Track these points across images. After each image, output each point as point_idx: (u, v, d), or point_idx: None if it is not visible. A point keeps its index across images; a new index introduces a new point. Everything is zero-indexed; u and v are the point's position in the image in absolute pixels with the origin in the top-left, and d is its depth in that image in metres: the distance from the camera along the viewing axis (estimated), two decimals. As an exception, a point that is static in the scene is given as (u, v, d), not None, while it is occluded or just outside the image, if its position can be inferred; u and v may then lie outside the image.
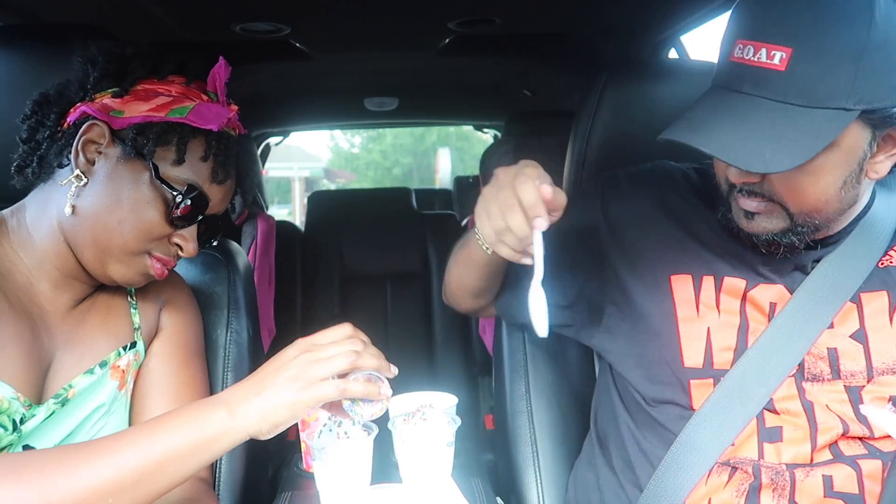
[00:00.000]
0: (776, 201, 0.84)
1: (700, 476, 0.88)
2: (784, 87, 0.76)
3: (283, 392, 0.73)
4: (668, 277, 0.97)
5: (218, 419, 0.72)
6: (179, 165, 0.86)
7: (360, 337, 0.80)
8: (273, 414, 0.72)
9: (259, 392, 0.73)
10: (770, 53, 0.77)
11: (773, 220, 0.86)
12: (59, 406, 0.86)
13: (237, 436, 0.72)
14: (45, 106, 0.88)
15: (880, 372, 0.87)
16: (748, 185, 0.85)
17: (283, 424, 0.74)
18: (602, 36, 1.83)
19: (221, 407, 0.73)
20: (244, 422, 0.72)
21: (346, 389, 0.75)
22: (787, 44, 0.76)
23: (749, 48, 0.78)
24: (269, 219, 2.32)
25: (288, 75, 2.34)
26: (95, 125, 0.84)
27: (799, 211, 0.84)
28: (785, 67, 0.76)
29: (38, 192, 0.89)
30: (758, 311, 0.92)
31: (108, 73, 0.87)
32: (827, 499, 0.84)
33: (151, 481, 0.69)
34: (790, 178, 0.81)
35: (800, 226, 0.85)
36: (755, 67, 0.78)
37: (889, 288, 0.90)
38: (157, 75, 0.88)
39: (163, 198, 0.85)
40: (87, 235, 0.85)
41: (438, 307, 2.51)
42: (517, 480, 1.15)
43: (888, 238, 0.92)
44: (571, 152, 1.28)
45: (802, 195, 0.83)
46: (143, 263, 0.88)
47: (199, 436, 0.70)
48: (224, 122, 0.89)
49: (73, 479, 0.66)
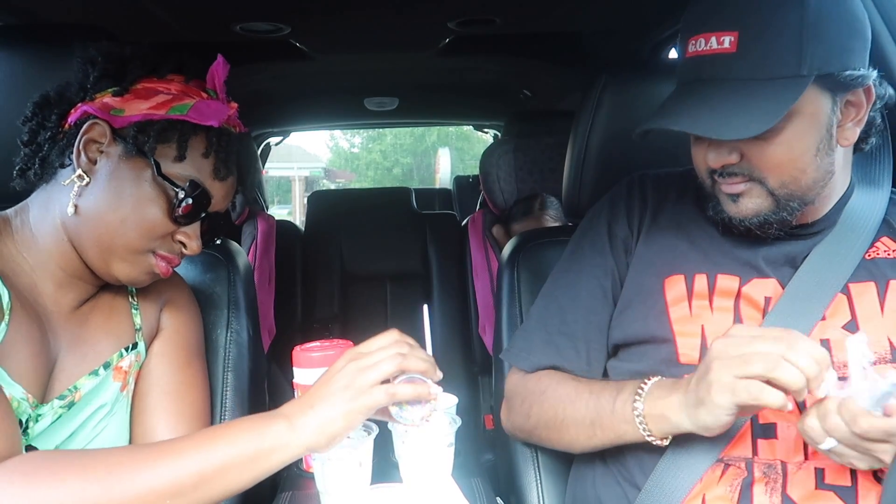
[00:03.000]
0: (756, 178, 0.88)
1: (698, 476, 0.89)
2: (738, 66, 0.83)
3: (336, 403, 0.74)
4: (662, 281, 0.98)
5: (277, 431, 0.73)
6: (181, 162, 0.86)
7: (407, 340, 0.81)
8: (329, 426, 0.74)
9: (314, 405, 0.75)
10: (720, 40, 0.83)
11: (756, 199, 0.89)
12: (66, 409, 0.86)
13: (295, 450, 0.74)
14: (45, 107, 0.88)
15: (873, 362, 0.87)
16: (728, 166, 0.88)
17: (339, 436, 0.75)
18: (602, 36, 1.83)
19: (281, 420, 0.74)
20: (303, 436, 0.74)
21: (395, 394, 0.77)
22: (733, 28, 0.82)
23: (700, 41, 0.85)
24: (269, 219, 2.32)
25: (288, 75, 2.34)
26: (96, 124, 0.84)
27: (779, 184, 0.88)
28: (735, 48, 0.82)
29: (40, 192, 0.89)
30: (752, 308, 0.93)
31: (107, 73, 0.87)
32: (818, 491, 0.85)
33: (209, 486, 0.71)
34: (765, 152, 0.86)
35: (784, 199, 0.89)
36: (709, 55, 0.84)
37: (876, 279, 0.92)
38: (156, 74, 0.88)
39: (165, 195, 0.86)
40: (90, 234, 0.85)
41: (439, 307, 2.51)
42: (517, 480, 1.15)
43: (874, 230, 0.94)
44: (571, 152, 1.28)
45: (779, 166, 0.87)
46: (147, 262, 0.88)
47: (259, 446, 0.72)
48: (224, 118, 0.89)
49: (136, 477, 0.69)
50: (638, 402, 0.88)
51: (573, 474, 1.11)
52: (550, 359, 1.04)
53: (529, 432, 1.06)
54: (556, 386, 1.01)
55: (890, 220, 0.97)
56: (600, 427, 0.93)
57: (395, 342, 0.80)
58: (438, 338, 2.51)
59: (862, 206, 0.96)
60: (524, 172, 2.11)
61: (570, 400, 0.98)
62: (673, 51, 1.77)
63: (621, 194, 1.09)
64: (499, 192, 2.14)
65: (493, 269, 2.20)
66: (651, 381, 0.90)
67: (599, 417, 0.93)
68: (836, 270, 0.91)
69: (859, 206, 0.96)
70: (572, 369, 1.03)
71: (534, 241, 1.30)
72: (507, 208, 2.13)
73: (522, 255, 1.28)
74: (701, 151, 0.91)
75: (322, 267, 2.62)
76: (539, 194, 2.06)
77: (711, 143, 0.88)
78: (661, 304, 0.97)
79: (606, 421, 0.92)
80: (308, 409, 0.75)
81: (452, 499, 0.92)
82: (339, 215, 2.73)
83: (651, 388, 0.88)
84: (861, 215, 0.95)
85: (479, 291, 2.26)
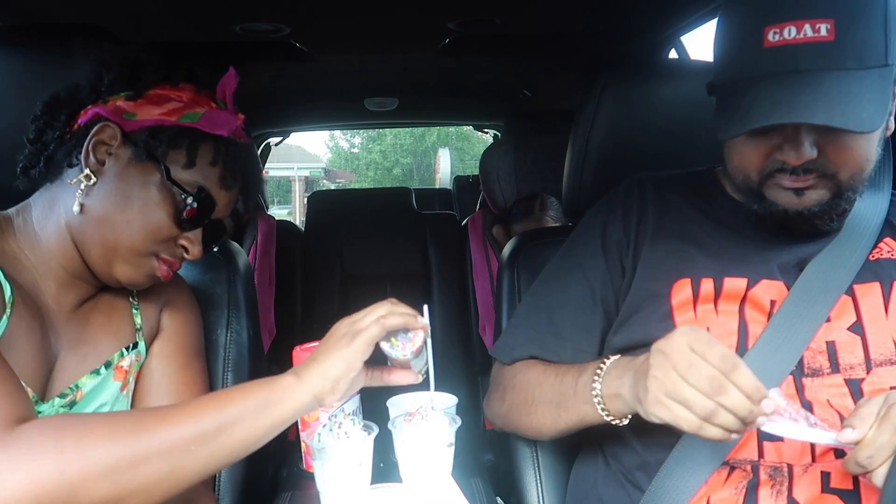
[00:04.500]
0: (829, 174, 0.86)
1: (703, 479, 0.88)
2: (838, 54, 0.80)
3: (334, 350, 0.81)
4: (670, 286, 0.97)
5: (287, 382, 0.80)
6: (190, 169, 0.88)
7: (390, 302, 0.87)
8: (331, 369, 0.80)
9: (316, 358, 0.82)
10: (815, 27, 0.81)
11: (821, 191, 0.88)
12: (67, 408, 0.86)
13: (303, 396, 0.79)
14: (55, 107, 0.89)
15: (878, 363, 0.88)
16: (808, 163, 0.85)
17: (343, 378, 0.80)
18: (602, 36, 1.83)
19: (289, 375, 0.81)
20: (308, 383, 0.80)
21: (384, 323, 0.83)
22: (828, 16, 0.80)
23: (790, 28, 0.82)
24: (269, 219, 2.32)
25: (288, 75, 2.34)
26: (107, 126, 0.85)
27: (848, 176, 0.87)
28: (834, 37, 0.80)
29: (44, 191, 0.89)
30: (757, 311, 0.92)
31: (121, 77, 0.88)
32: (824, 495, 0.85)
33: (228, 434, 0.76)
34: (846, 146, 0.85)
35: (847, 190, 0.88)
36: (804, 44, 0.81)
37: (881, 279, 0.91)
38: (169, 82, 0.90)
39: (172, 199, 0.87)
40: (94, 234, 0.86)
41: (439, 307, 2.51)
42: (517, 480, 1.15)
43: (876, 231, 0.94)
44: (571, 152, 1.28)
45: (855, 158, 0.86)
46: (149, 265, 0.89)
47: (270, 394, 0.79)
48: (233, 128, 0.91)
49: (163, 430, 0.73)
50: (597, 382, 0.88)
51: (574, 475, 1.11)
52: (532, 350, 1.05)
53: (504, 417, 1.07)
54: (526, 370, 1.02)
55: (892, 220, 0.97)
56: (564, 408, 0.93)
57: (383, 302, 0.87)
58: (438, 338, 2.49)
59: (865, 208, 0.96)
60: (524, 172, 2.11)
61: (538, 382, 0.98)
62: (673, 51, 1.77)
63: (619, 197, 1.08)
64: (499, 193, 2.14)
65: (493, 269, 2.20)
66: (610, 360, 0.89)
67: (563, 398, 0.93)
68: (841, 272, 0.91)
69: (863, 209, 0.96)
70: (557, 361, 1.02)
71: (534, 241, 1.30)
72: (507, 208, 2.12)
73: (522, 255, 1.28)
74: (759, 149, 0.87)
75: (322, 267, 2.62)
76: (539, 194, 2.06)
77: (786, 139, 0.84)
78: (667, 308, 0.96)
79: (570, 402, 0.92)
80: (313, 363, 0.81)
81: (452, 499, 0.92)
82: (339, 215, 2.72)
83: (609, 367, 0.88)
84: (864, 218, 0.95)
85: (479, 291, 2.26)
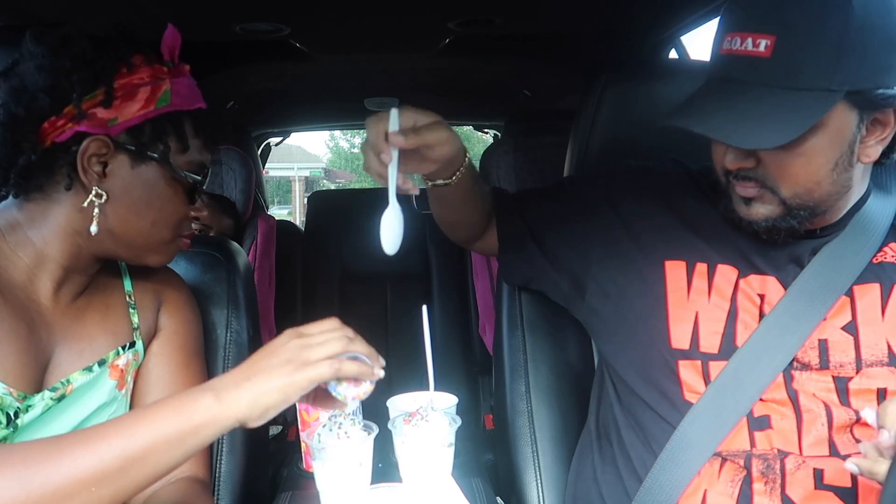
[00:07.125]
0: (769, 186, 0.87)
1: (696, 470, 0.90)
2: (770, 71, 0.81)
3: (275, 376, 0.71)
4: (663, 262, 0.99)
5: (204, 406, 0.69)
6: (186, 151, 0.89)
7: (347, 332, 0.79)
8: (264, 398, 0.70)
9: (249, 377, 0.71)
10: (756, 42, 0.81)
11: (767, 206, 0.89)
12: (56, 402, 0.86)
13: (225, 422, 0.69)
14: (15, 127, 0.82)
15: (868, 364, 0.88)
16: (743, 170, 0.88)
17: (274, 409, 0.71)
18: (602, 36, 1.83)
19: (208, 393, 0.70)
20: (232, 408, 0.69)
21: (340, 369, 0.73)
22: (770, 32, 0.80)
23: (736, 39, 0.83)
24: (269, 219, 2.32)
25: (288, 75, 2.34)
26: (94, 141, 0.82)
27: (792, 194, 0.87)
28: (770, 53, 0.80)
29: (26, 203, 0.86)
30: (748, 301, 0.93)
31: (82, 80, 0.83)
32: (818, 491, 0.85)
33: (136, 470, 0.67)
34: (783, 161, 0.85)
35: (795, 209, 0.88)
36: (743, 56, 0.83)
37: (881, 281, 0.91)
38: (123, 65, 0.85)
39: (182, 187, 0.90)
40: (120, 242, 0.88)
41: (439, 307, 2.51)
42: (517, 480, 1.15)
43: (882, 235, 0.94)
44: (571, 152, 1.28)
45: (794, 177, 0.86)
46: (176, 246, 0.95)
47: (185, 424, 0.68)
48: (197, 93, 0.92)
49: (56, 468, 0.65)
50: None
51: (573, 472, 1.11)
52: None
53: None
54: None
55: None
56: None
57: (339, 327, 0.79)
58: (438, 338, 2.51)
59: (873, 211, 0.95)
60: (524, 172, 2.11)
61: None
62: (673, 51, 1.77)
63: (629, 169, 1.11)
64: (499, 192, 2.13)
65: (493, 269, 2.20)
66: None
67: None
68: (842, 273, 0.91)
69: (870, 212, 0.95)
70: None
71: (534, 241, 1.30)
72: (507, 208, 2.12)
73: (522, 255, 1.28)
74: (720, 150, 0.91)
75: (322, 267, 2.62)
76: (539, 194, 2.06)
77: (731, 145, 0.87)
78: (661, 286, 0.97)
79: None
80: (242, 380, 0.71)
81: (452, 499, 0.92)
82: (339, 215, 2.72)
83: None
84: (872, 220, 0.94)
85: (479, 291, 2.26)
